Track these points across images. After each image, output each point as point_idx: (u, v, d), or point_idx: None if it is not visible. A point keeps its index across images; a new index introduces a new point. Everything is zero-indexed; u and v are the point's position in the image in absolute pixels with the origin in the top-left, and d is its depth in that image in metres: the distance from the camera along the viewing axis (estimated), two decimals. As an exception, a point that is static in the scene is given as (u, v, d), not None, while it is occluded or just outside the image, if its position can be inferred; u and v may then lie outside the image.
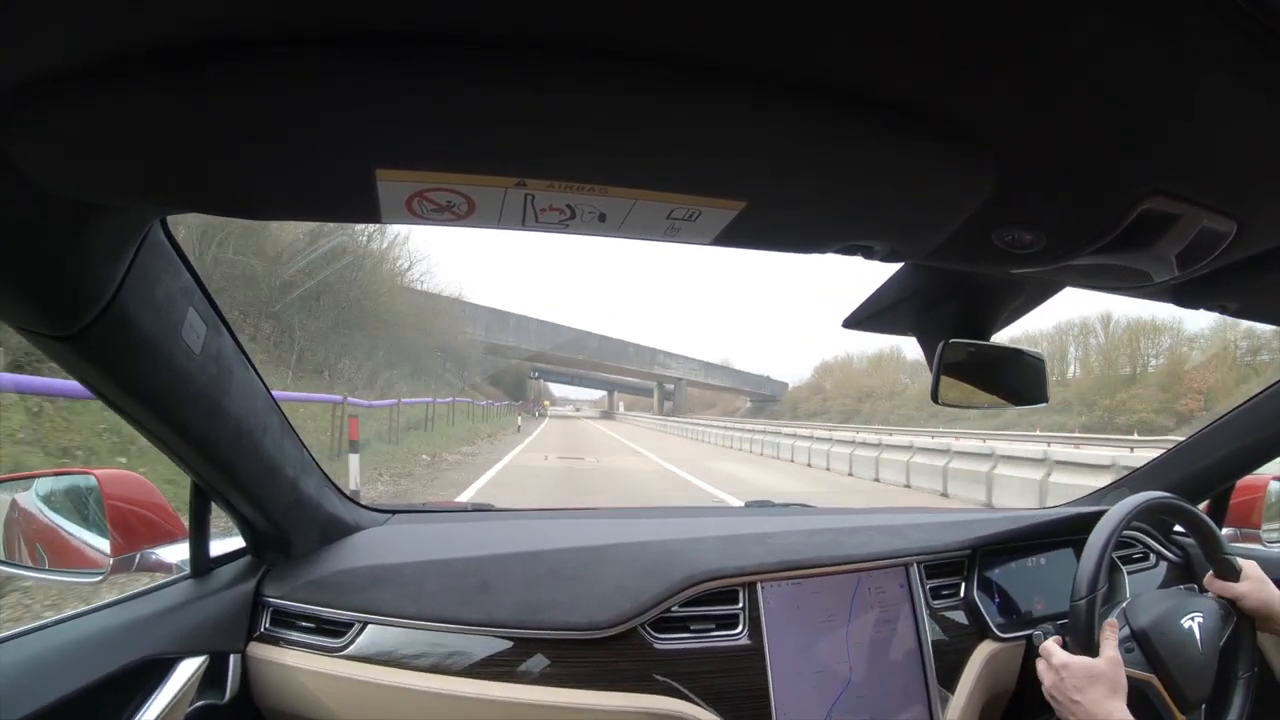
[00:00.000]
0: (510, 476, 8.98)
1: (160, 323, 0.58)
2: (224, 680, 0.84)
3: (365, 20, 0.30)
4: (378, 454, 9.41)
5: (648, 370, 57.79)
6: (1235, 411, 1.19)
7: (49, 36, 0.31)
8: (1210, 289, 0.67)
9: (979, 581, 1.08)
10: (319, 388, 11.54)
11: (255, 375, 0.75)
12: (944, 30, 0.32)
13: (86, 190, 0.42)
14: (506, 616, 0.88)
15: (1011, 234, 0.51)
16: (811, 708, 0.93)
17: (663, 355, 57.96)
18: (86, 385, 0.59)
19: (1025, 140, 0.41)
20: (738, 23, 0.31)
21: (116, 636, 0.73)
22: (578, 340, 47.95)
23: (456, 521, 1.19)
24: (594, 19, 0.31)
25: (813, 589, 0.99)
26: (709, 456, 15.37)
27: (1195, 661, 0.87)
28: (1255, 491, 1.27)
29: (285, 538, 0.91)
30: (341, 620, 0.88)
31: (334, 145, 0.37)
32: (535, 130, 0.36)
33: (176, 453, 0.71)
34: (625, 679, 0.87)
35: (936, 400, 0.82)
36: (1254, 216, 0.49)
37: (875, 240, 0.52)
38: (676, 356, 59.63)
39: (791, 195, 0.45)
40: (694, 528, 1.10)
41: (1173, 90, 0.36)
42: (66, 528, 0.92)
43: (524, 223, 0.46)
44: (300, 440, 0.88)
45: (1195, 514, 0.99)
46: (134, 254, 0.52)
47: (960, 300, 0.81)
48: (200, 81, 0.32)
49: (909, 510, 1.37)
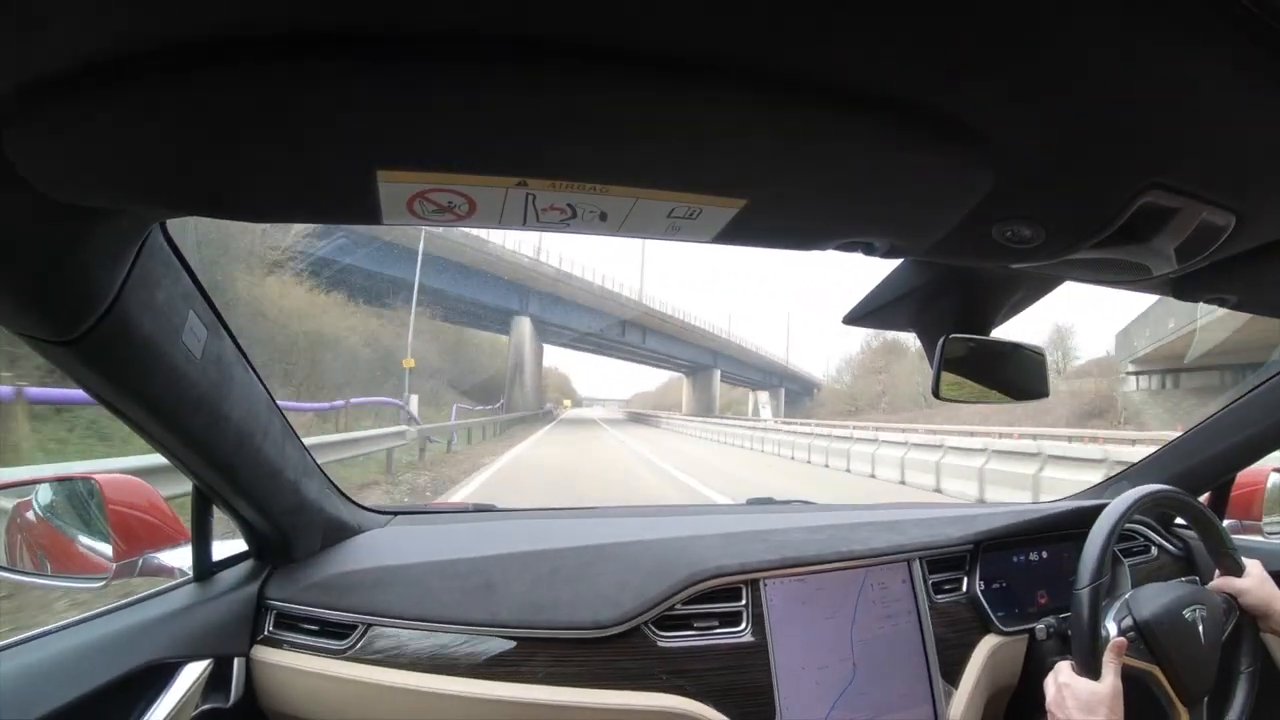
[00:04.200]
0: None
1: (161, 327, 0.58)
2: (228, 684, 0.84)
3: (366, 22, 0.30)
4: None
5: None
6: (1236, 404, 1.19)
7: (49, 38, 0.31)
8: (1209, 282, 0.67)
9: (981, 576, 1.09)
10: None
11: (256, 379, 0.75)
12: (944, 27, 0.32)
13: (86, 193, 0.42)
14: (510, 616, 0.88)
15: (1011, 229, 0.51)
16: (815, 704, 0.93)
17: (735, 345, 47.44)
18: (87, 390, 0.59)
19: (1024, 136, 0.41)
20: (738, 22, 0.31)
21: (120, 642, 0.73)
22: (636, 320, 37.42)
23: (458, 522, 1.19)
24: (594, 19, 0.31)
25: (816, 585, 1.00)
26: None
27: (1197, 653, 0.87)
28: (1255, 484, 1.28)
29: (287, 540, 0.91)
30: (345, 622, 0.88)
31: (335, 147, 0.37)
32: (536, 131, 0.36)
33: (178, 456, 0.71)
34: (629, 677, 0.88)
35: (938, 395, 0.82)
36: (1253, 209, 0.49)
37: (875, 236, 0.52)
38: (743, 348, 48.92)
39: (792, 193, 0.45)
40: (696, 525, 1.10)
41: (1171, 84, 0.36)
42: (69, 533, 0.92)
43: (525, 222, 0.46)
44: (302, 443, 0.88)
45: (1198, 507, 0.99)
46: (134, 258, 0.52)
47: (960, 295, 0.82)
48: (201, 83, 0.32)
49: (910, 505, 1.37)
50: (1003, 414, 22.47)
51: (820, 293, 72.80)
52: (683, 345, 43.29)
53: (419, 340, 20.74)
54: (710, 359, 47.81)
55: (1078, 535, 0.96)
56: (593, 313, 34.34)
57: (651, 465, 11.89)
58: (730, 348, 48.64)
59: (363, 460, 8.36)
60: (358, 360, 16.91)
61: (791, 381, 55.41)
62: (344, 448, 7.63)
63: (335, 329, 16.88)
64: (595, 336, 36.76)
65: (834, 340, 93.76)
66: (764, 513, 1.28)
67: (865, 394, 41.43)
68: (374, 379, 17.08)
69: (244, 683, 0.85)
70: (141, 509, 0.88)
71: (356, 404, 13.09)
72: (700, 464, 12.19)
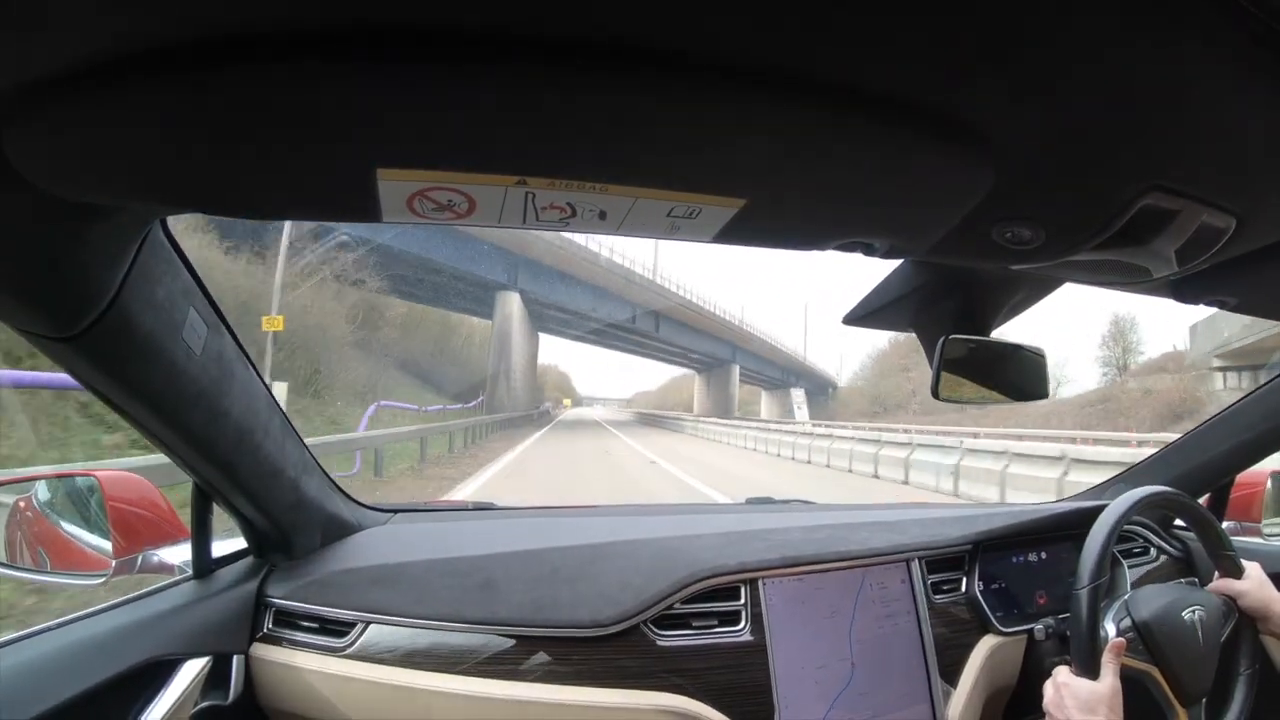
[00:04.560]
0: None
1: (161, 324, 0.58)
2: (227, 681, 0.84)
3: (366, 20, 0.30)
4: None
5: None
6: (1235, 406, 1.19)
7: (49, 37, 0.31)
8: (1210, 284, 0.67)
9: (980, 576, 1.09)
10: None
11: (256, 376, 0.75)
12: (944, 27, 0.32)
13: (86, 191, 0.42)
14: (509, 614, 0.88)
15: (1011, 230, 0.51)
16: (814, 703, 0.94)
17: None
18: (87, 386, 0.59)
19: (1025, 136, 0.41)
20: (737, 21, 0.31)
21: (120, 638, 0.73)
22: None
23: (458, 520, 1.19)
24: (595, 18, 0.31)
25: (815, 585, 1.00)
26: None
27: (1196, 654, 0.87)
28: (1255, 486, 1.28)
29: (287, 538, 0.91)
30: (344, 620, 0.88)
31: (335, 145, 0.37)
32: (536, 130, 0.37)
33: (178, 453, 0.71)
34: (628, 676, 0.88)
35: (937, 396, 0.82)
36: (1253, 212, 0.49)
37: (875, 237, 0.52)
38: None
39: (791, 193, 0.45)
40: (696, 525, 1.10)
41: (1171, 85, 0.36)
42: (69, 530, 0.92)
43: (525, 221, 0.46)
44: (301, 441, 0.88)
45: (1198, 508, 0.99)
46: (135, 255, 0.52)
47: (960, 296, 0.82)
48: (200, 81, 0.32)
49: (910, 505, 1.37)
50: (1072, 415, 21.17)
51: (834, 285, 67.48)
52: (699, 336, 38.05)
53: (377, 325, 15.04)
54: (729, 353, 42.83)
55: (1077, 536, 0.96)
56: (598, 293, 28.74)
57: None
58: (751, 341, 43.50)
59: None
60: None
61: (809, 380, 51.32)
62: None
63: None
64: (600, 321, 30.53)
65: (848, 337, 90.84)
66: (763, 512, 1.28)
67: (893, 393, 37.45)
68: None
69: (243, 680, 0.85)
70: (141, 506, 0.89)
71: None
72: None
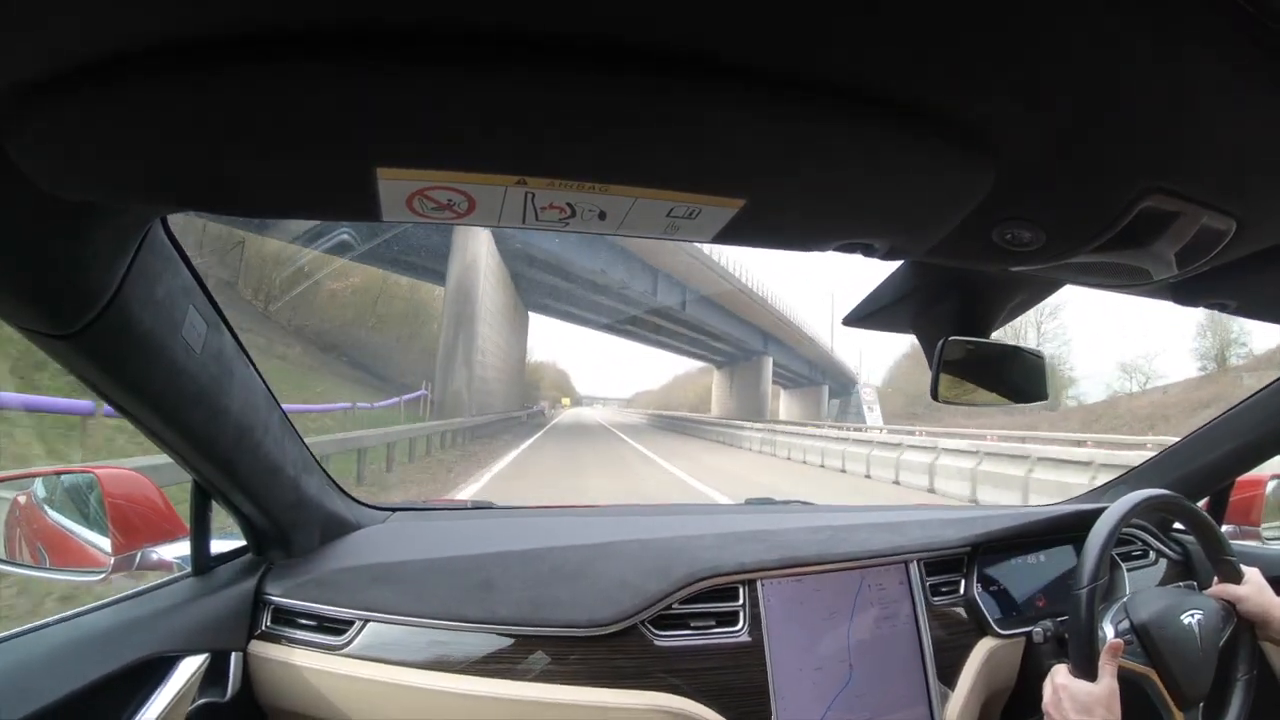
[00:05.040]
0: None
1: (161, 321, 0.58)
2: (225, 678, 0.84)
3: (366, 20, 0.30)
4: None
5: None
6: (1235, 409, 1.19)
7: (49, 36, 0.31)
8: (1210, 287, 0.67)
9: (979, 578, 1.09)
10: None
11: (256, 374, 0.75)
12: (943, 29, 0.32)
13: (87, 190, 0.42)
14: (508, 614, 0.88)
15: (1011, 231, 0.51)
16: (811, 704, 0.94)
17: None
18: (87, 384, 0.59)
19: (1025, 138, 0.41)
20: (737, 21, 0.31)
21: (118, 635, 0.73)
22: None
23: (457, 519, 1.19)
24: (594, 17, 0.31)
25: (813, 586, 1.00)
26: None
27: (1194, 658, 0.87)
28: (1254, 489, 1.28)
29: (286, 536, 0.91)
30: (343, 618, 0.88)
31: (335, 145, 0.37)
32: (536, 130, 0.37)
33: (177, 451, 0.71)
34: (626, 676, 0.88)
35: (936, 398, 0.82)
36: (1253, 214, 0.49)
37: (875, 238, 0.52)
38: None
39: (791, 193, 0.45)
40: (695, 525, 1.10)
41: (1172, 88, 0.36)
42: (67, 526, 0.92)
43: (524, 220, 0.46)
44: (301, 439, 0.88)
45: (1197, 512, 0.99)
46: (135, 253, 0.52)
47: (960, 298, 0.82)
48: (200, 81, 0.32)
49: (909, 507, 1.37)
50: (1175, 417, 20.00)
51: (857, 273, 60.78)
52: (730, 319, 30.64)
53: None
54: (760, 342, 34.79)
55: (1076, 539, 0.96)
56: (610, 252, 20.25)
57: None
58: (783, 328, 34.38)
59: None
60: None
61: (834, 377, 45.03)
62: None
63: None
64: (613, 293, 22.85)
65: (867, 331, 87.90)
66: (762, 513, 1.28)
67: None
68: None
69: (241, 677, 0.86)
70: (140, 502, 0.89)
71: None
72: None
